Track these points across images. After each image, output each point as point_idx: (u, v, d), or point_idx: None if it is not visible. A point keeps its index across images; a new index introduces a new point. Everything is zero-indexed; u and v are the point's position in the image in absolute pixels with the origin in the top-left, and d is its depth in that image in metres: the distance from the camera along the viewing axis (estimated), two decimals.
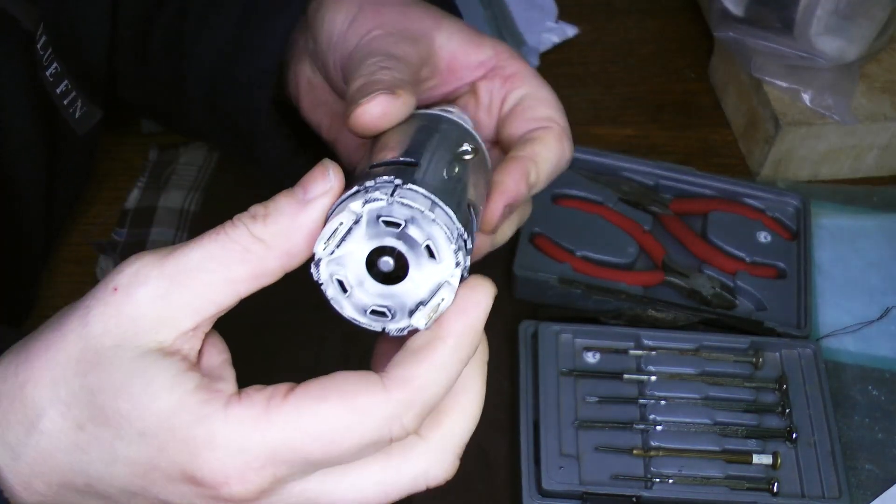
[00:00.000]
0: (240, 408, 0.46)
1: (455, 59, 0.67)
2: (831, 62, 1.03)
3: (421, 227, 0.48)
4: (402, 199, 0.48)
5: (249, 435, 0.46)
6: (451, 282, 0.49)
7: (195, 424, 0.46)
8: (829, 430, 0.85)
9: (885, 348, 0.94)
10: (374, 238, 0.48)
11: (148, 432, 0.46)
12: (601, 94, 1.16)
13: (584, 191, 1.00)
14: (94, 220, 0.97)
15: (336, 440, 0.46)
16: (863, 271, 1.00)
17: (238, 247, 0.47)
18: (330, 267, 0.49)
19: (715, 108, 1.15)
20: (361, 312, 0.50)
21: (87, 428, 0.47)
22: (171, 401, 0.46)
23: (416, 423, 0.48)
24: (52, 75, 0.74)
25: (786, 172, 1.07)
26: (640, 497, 0.81)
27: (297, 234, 0.48)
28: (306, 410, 0.46)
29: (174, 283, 0.46)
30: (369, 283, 0.49)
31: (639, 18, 1.25)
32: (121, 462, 0.47)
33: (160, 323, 0.46)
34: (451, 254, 0.49)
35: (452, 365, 0.49)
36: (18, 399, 0.47)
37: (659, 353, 0.89)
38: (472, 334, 0.49)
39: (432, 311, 0.49)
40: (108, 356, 0.46)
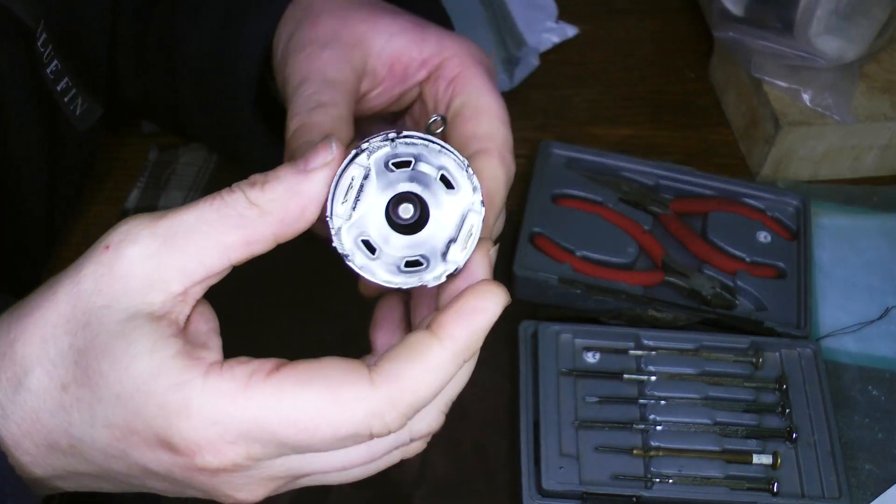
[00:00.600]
0: (219, 379, 0.46)
1: (398, 60, 0.64)
2: (831, 62, 1.03)
3: (430, 160, 0.48)
4: (405, 141, 0.48)
5: (224, 408, 0.45)
6: (474, 208, 0.48)
7: (172, 390, 0.45)
8: (829, 430, 0.85)
9: (885, 348, 0.94)
10: (388, 188, 0.48)
11: (124, 395, 0.46)
12: (601, 94, 1.16)
13: (584, 191, 1.00)
14: (94, 220, 0.97)
15: (311, 429, 0.45)
16: (863, 271, 1.00)
17: (233, 212, 0.46)
18: (352, 231, 0.48)
19: (715, 108, 1.15)
20: (395, 271, 0.49)
21: (70, 389, 0.47)
22: (150, 365, 0.45)
23: (400, 423, 0.47)
24: (52, 73, 0.74)
25: (786, 172, 1.07)
26: (640, 497, 0.81)
27: (293, 202, 0.47)
28: (287, 393, 0.45)
29: (166, 243, 0.46)
30: (394, 237, 0.48)
31: (639, 18, 1.25)
32: (100, 424, 0.47)
33: (150, 284, 0.46)
34: (466, 179, 0.48)
35: (446, 369, 0.47)
36: (8, 356, 0.47)
37: (659, 353, 0.89)
38: (473, 341, 0.47)
39: (465, 241, 0.48)
40: (98, 316, 0.46)
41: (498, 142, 0.60)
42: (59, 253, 0.94)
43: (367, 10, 0.65)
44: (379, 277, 0.49)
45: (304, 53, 0.62)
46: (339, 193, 0.47)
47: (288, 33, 0.66)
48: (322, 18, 0.64)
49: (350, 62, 0.62)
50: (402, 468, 0.84)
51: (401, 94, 0.66)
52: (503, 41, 1.16)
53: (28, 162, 0.79)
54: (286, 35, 0.66)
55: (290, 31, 0.66)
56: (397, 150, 0.48)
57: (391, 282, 0.49)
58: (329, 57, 0.62)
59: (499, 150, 0.60)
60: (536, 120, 1.12)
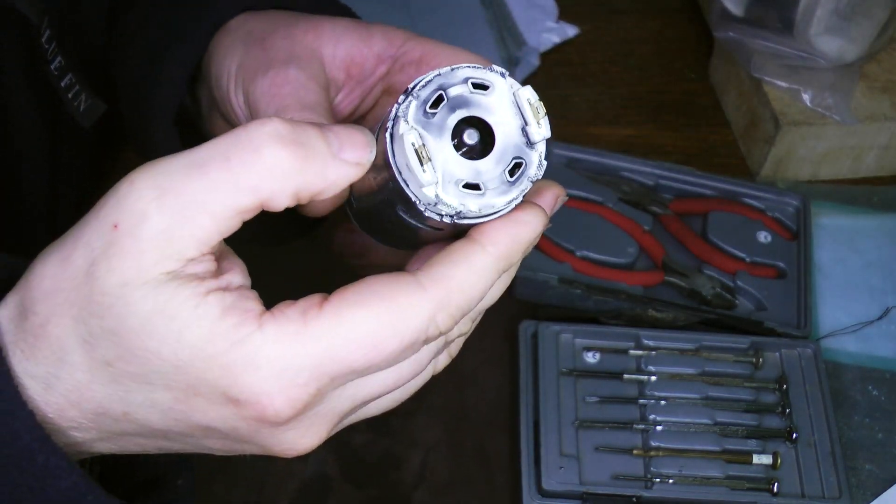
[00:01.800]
0: (275, 325, 0.45)
1: (352, 62, 0.63)
2: (831, 62, 1.03)
3: (452, 82, 0.47)
4: (421, 84, 0.46)
5: (291, 351, 0.45)
6: (515, 88, 0.47)
7: (232, 348, 0.45)
8: (829, 430, 0.85)
9: (885, 348, 0.94)
10: (442, 130, 0.46)
11: (183, 364, 0.45)
12: (601, 94, 1.16)
13: (584, 191, 1.00)
14: None
15: (379, 344, 0.45)
16: (863, 271, 1.00)
17: (254, 177, 0.44)
18: (449, 189, 0.46)
19: (715, 108, 1.15)
20: (507, 188, 0.46)
21: (115, 364, 0.46)
22: (199, 332, 0.45)
23: (449, 325, 0.47)
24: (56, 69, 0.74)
25: (786, 172, 1.07)
26: (640, 497, 0.81)
27: (315, 182, 0.45)
28: (346, 318, 0.45)
29: (176, 218, 0.44)
30: (481, 163, 0.46)
31: (639, 18, 1.25)
32: (160, 389, 0.46)
33: (164, 255, 0.45)
34: (493, 74, 0.47)
35: (489, 272, 0.47)
36: (42, 337, 0.47)
37: (659, 353, 0.89)
38: (513, 250, 0.48)
39: (534, 116, 0.46)
40: (118, 294, 0.45)
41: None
42: None
43: (306, 22, 0.64)
44: (502, 204, 0.47)
45: (267, 78, 0.60)
46: (413, 169, 0.45)
47: (235, 62, 0.64)
48: (269, 40, 0.63)
49: (315, 78, 0.61)
50: (402, 468, 0.85)
51: (363, 94, 0.65)
52: (503, 41, 1.16)
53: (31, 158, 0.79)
54: (233, 65, 0.64)
55: (237, 59, 0.64)
56: (422, 95, 0.46)
57: (515, 199, 0.47)
58: (297, 78, 0.60)
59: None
60: None
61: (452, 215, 0.46)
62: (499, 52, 1.15)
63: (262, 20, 0.66)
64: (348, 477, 0.83)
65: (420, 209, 0.46)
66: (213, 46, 0.67)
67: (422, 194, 0.45)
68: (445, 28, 1.17)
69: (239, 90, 0.63)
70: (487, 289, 0.48)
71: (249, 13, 0.67)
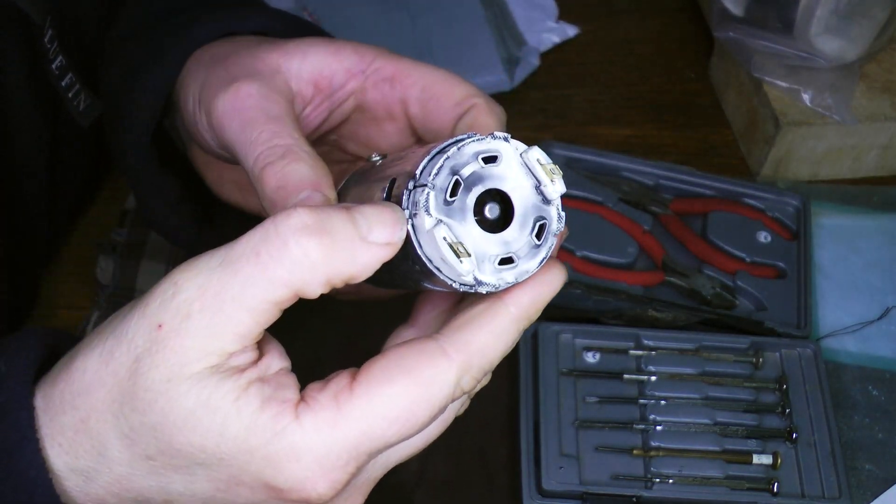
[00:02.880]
0: (311, 414, 0.47)
1: (320, 75, 0.63)
2: (831, 62, 1.03)
3: (463, 161, 0.47)
4: (428, 174, 0.46)
5: (330, 439, 0.46)
6: (526, 156, 0.47)
7: (273, 441, 0.46)
8: (829, 430, 0.85)
9: (885, 348, 0.94)
10: (462, 212, 0.46)
11: (226, 456, 0.47)
12: (601, 94, 1.16)
13: (584, 191, 1.00)
14: (95, 220, 0.97)
15: (412, 418, 0.47)
16: (863, 271, 1.00)
17: (284, 272, 0.45)
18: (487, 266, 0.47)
19: (715, 108, 1.15)
20: (534, 254, 0.48)
21: (157, 458, 0.47)
22: (241, 425, 0.46)
23: (473, 385, 0.48)
24: (57, 69, 0.74)
25: (786, 172, 1.07)
26: (640, 497, 0.81)
27: (346, 268, 0.46)
28: (377, 397, 0.46)
29: (217, 314, 0.46)
30: (506, 233, 0.47)
31: (639, 18, 1.25)
32: (202, 481, 0.48)
33: (207, 352, 0.46)
34: (499, 141, 0.47)
35: (510, 332, 0.49)
36: (83, 431, 0.48)
37: (659, 353, 0.89)
38: (535, 309, 0.49)
39: (548, 178, 0.47)
40: (162, 391, 0.46)
41: (478, 94, 0.61)
42: (60, 253, 0.94)
43: (270, 42, 0.64)
44: (534, 268, 0.48)
45: (230, 93, 0.59)
46: (449, 262, 0.46)
47: (198, 84, 0.63)
48: (231, 59, 0.63)
49: (278, 91, 0.60)
50: (402, 469, 0.85)
51: (331, 108, 0.64)
52: (503, 41, 1.16)
53: (30, 157, 0.79)
54: (196, 87, 0.63)
55: (199, 80, 0.63)
56: (438, 184, 0.46)
57: (544, 258, 0.48)
58: (259, 91, 0.59)
59: (484, 100, 0.60)
60: (536, 120, 1.12)
61: (490, 289, 0.47)
62: (499, 52, 1.15)
63: (224, 45, 0.66)
64: None
65: (455, 288, 0.47)
66: (180, 79, 0.66)
67: (460, 280, 0.46)
68: (445, 28, 1.17)
69: (201, 111, 0.62)
70: (509, 348, 0.49)
71: (212, 44, 0.66)
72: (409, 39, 1.16)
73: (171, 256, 0.92)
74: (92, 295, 0.91)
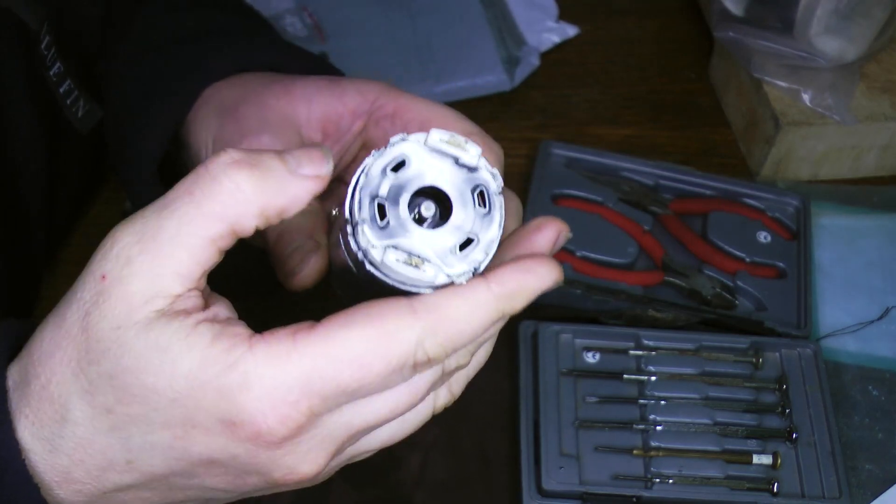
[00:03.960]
0: (265, 345, 0.46)
1: (327, 120, 0.64)
2: (831, 62, 1.03)
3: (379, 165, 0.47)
4: (359, 184, 0.46)
5: (281, 367, 0.46)
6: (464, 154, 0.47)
7: (225, 372, 0.46)
8: (829, 430, 0.85)
9: (885, 348, 0.94)
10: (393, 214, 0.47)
11: (180, 395, 0.47)
12: (601, 94, 1.16)
13: (584, 191, 1.00)
14: (95, 221, 0.97)
15: (365, 365, 0.46)
16: (863, 271, 1.00)
17: (217, 205, 0.46)
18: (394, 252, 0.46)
19: (715, 108, 1.15)
20: (453, 260, 0.47)
21: (115, 410, 0.48)
22: (192, 360, 0.46)
23: (438, 353, 0.47)
24: (55, 75, 0.75)
25: (786, 172, 1.07)
26: (640, 497, 0.81)
27: (277, 199, 0.47)
28: (335, 337, 0.46)
29: (157, 257, 0.47)
30: (440, 230, 0.47)
31: (639, 18, 1.25)
32: (158, 428, 0.48)
33: (152, 295, 0.47)
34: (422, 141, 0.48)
35: (487, 309, 0.48)
36: (45, 398, 0.49)
37: (659, 353, 0.89)
38: (518, 294, 0.48)
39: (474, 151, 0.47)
40: (113, 338, 0.47)
41: (477, 131, 0.61)
42: (59, 254, 0.94)
43: (278, 85, 0.65)
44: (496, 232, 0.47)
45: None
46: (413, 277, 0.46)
47: (211, 135, 0.65)
48: (241, 109, 0.64)
49: (289, 144, 0.62)
50: (402, 468, 0.85)
51: (341, 152, 0.65)
52: (503, 41, 1.16)
53: (29, 163, 0.79)
54: (209, 138, 0.65)
55: (211, 132, 0.65)
56: (363, 215, 0.46)
57: (500, 219, 0.48)
58: (271, 145, 0.61)
59: (482, 137, 0.60)
60: (536, 120, 1.12)
61: (471, 275, 0.47)
62: (499, 52, 1.15)
63: (234, 87, 0.66)
64: (348, 477, 0.83)
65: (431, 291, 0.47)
66: (190, 118, 0.67)
67: (435, 283, 0.47)
68: (445, 28, 1.17)
69: None
70: (484, 325, 0.48)
71: (220, 85, 0.67)
72: (409, 39, 1.16)
73: None
74: None
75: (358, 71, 0.78)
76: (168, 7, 0.78)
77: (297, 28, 1.15)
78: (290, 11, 1.16)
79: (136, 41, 0.76)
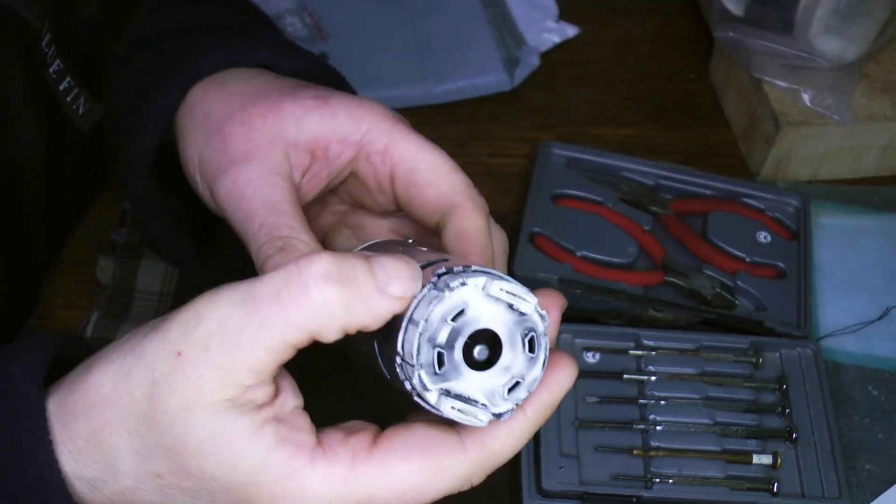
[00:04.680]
0: (326, 464, 0.48)
1: (316, 144, 0.62)
2: (831, 62, 1.03)
3: (435, 323, 0.48)
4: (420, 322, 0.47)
5: (337, 490, 0.48)
6: (524, 311, 0.49)
7: (283, 480, 0.48)
8: (829, 430, 0.85)
9: (885, 348, 0.94)
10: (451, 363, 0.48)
11: (234, 487, 0.48)
12: (601, 94, 1.16)
13: (584, 191, 1.00)
14: (94, 220, 0.97)
15: (417, 498, 0.49)
16: (863, 271, 1.00)
17: (302, 317, 0.46)
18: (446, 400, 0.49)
19: (715, 108, 1.15)
20: (501, 399, 0.50)
21: (165, 477, 0.49)
22: (254, 460, 0.48)
23: (481, 480, 0.52)
24: (55, 72, 0.74)
25: (786, 172, 1.07)
26: (640, 497, 0.81)
27: (362, 318, 0.47)
28: (391, 469, 0.49)
29: (235, 350, 0.47)
30: (491, 372, 0.49)
31: (639, 18, 1.25)
32: (205, 501, 0.49)
33: (223, 384, 0.47)
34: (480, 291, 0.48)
35: (525, 435, 0.51)
36: (94, 442, 0.49)
37: (659, 353, 0.89)
38: (550, 411, 0.52)
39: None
40: (179, 417, 0.47)
41: (464, 190, 0.60)
42: (59, 253, 0.94)
43: (264, 101, 0.62)
44: (538, 373, 0.50)
45: (229, 178, 0.60)
46: (467, 422, 0.49)
47: (196, 153, 0.63)
48: (227, 130, 0.61)
49: (278, 170, 0.60)
50: None
51: (329, 177, 0.64)
52: (503, 41, 1.16)
53: (29, 162, 0.79)
54: (195, 156, 0.63)
55: (197, 149, 0.63)
56: (422, 361, 0.47)
57: (544, 360, 0.50)
58: (259, 176, 0.59)
59: (470, 199, 0.60)
60: (536, 120, 1.12)
61: (513, 412, 0.50)
62: (499, 53, 1.15)
63: (220, 98, 0.64)
64: None
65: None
66: (177, 123, 0.66)
67: (481, 423, 0.49)
68: (445, 28, 1.17)
69: (205, 187, 0.63)
70: (523, 444, 0.52)
71: (207, 89, 0.66)
72: (409, 39, 1.16)
73: None
74: (92, 295, 0.91)
75: (358, 71, 0.77)
76: (165, 1, 0.77)
77: (297, 28, 1.15)
78: (290, 11, 1.16)
79: (131, 36, 0.76)
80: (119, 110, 0.71)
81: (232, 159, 0.60)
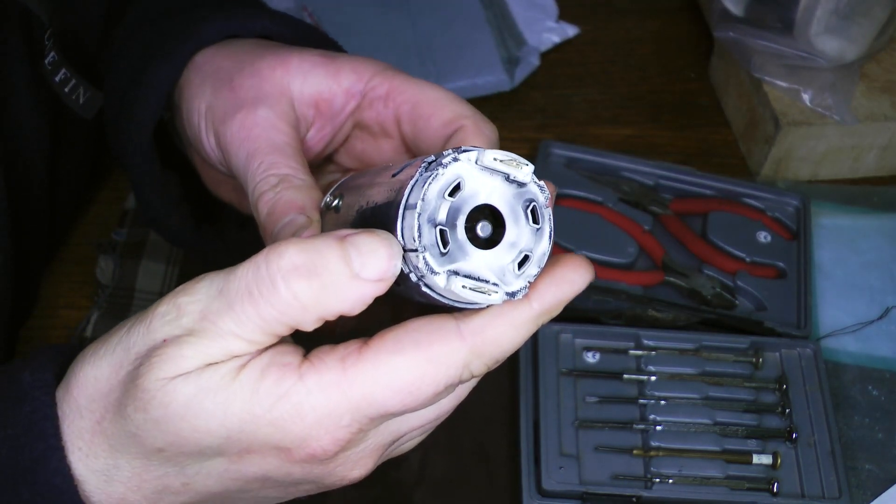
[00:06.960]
0: (316, 374, 0.47)
1: (321, 98, 0.63)
2: (831, 62, 1.03)
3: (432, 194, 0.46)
4: (413, 202, 0.46)
5: (332, 397, 0.47)
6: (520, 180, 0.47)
7: (277, 404, 0.47)
8: (829, 430, 0.85)
9: (885, 348, 0.94)
10: (453, 229, 0.46)
11: (233, 432, 0.48)
12: (601, 94, 1.16)
13: (584, 191, 1.00)
14: (94, 220, 0.97)
15: (414, 391, 0.47)
16: (863, 271, 1.00)
17: (275, 312, 0.46)
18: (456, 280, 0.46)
19: (715, 108, 1.15)
20: (515, 277, 0.47)
21: (167, 449, 0.49)
22: (244, 395, 0.47)
23: (483, 371, 0.49)
24: (49, 63, 0.75)
25: (786, 172, 1.07)
26: (640, 497, 0.81)
27: (337, 305, 0.46)
28: (384, 364, 0.47)
29: (214, 341, 0.47)
30: (498, 248, 0.47)
31: (639, 18, 1.25)
32: (212, 456, 0.49)
33: (202, 361, 0.48)
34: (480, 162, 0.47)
35: (528, 326, 0.49)
36: (99, 433, 0.50)
37: (659, 353, 0.89)
38: (557, 306, 0.50)
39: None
40: (159, 387, 0.48)
41: (468, 114, 0.60)
42: (59, 253, 0.94)
43: (273, 56, 0.64)
44: (546, 247, 0.48)
45: (237, 121, 0.61)
46: (478, 301, 0.46)
47: (205, 103, 0.64)
48: (237, 80, 0.63)
49: (284, 117, 0.61)
50: (402, 467, 0.85)
51: (334, 131, 0.65)
52: (503, 41, 1.16)
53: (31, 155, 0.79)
54: (202, 105, 0.64)
55: (206, 99, 0.64)
56: (424, 241, 0.45)
57: (550, 232, 0.48)
58: (266, 119, 0.61)
59: (474, 121, 0.60)
60: (536, 120, 1.12)
61: (527, 289, 0.47)
62: (499, 52, 1.15)
63: (228, 55, 0.66)
64: None
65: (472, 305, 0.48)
66: (182, 84, 0.67)
67: (493, 301, 0.47)
68: (445, 28, 1.17)
69: (210, 132, 0.63)
70: (523, 341, 0.49)
71: (214, 51, 0.66)
72: (409, 40, 1.16)
73: (170, 256, 0.92)
74: (92, 295, 0.91)
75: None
76: None
77: None
78: (290, 11, 1.16)
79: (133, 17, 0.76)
80: (122, 84, 0.71)
81: (241, 104, 0.61)
